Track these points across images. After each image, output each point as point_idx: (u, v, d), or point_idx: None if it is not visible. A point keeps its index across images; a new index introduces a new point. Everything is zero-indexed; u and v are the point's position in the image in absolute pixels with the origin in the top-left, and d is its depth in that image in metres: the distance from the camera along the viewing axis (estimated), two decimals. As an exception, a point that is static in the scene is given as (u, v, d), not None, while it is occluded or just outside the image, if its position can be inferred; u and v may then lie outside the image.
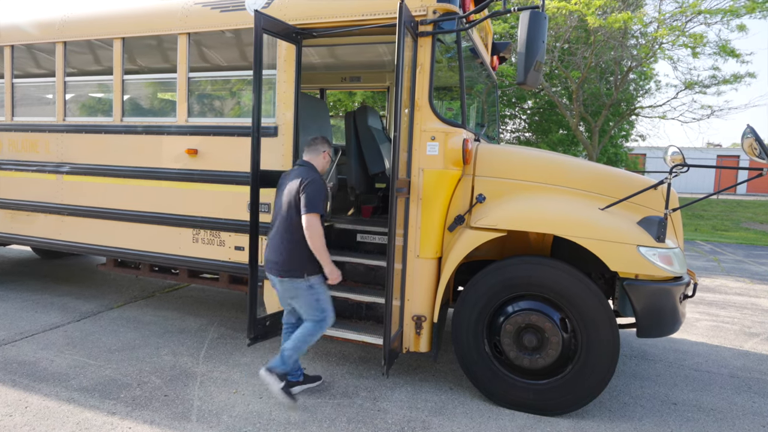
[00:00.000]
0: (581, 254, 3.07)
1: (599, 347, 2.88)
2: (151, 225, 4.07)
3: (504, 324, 3.08)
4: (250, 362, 3.67)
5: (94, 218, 4.31)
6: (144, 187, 4.07)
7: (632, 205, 3.07)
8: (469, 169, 3.26)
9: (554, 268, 2.97)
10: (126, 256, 4.25)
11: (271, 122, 3.59)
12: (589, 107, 12.78)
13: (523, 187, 3.19)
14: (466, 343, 3.17)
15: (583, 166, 3.32)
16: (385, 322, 3.01)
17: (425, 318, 3.25)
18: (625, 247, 2.81)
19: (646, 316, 2.87)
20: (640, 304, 2.85)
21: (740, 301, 6.11)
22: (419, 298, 3.26)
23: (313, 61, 5.17)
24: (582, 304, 2.90)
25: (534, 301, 3.05)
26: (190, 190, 3.91)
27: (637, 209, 3.07)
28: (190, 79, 3.88)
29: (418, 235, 3.22)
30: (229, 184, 3.77)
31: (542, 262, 3.00)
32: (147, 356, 3.73)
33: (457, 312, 3.19)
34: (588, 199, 3.10)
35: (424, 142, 3.16)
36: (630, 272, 2.86)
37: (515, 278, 3.05)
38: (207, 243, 3.90)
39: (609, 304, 2.92)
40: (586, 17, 9.12)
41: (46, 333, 4.13)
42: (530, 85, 2.83)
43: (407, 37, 3.00)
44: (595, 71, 11.91)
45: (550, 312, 3.01)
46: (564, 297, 2.94)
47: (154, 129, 4.01)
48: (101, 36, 4.16)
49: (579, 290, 2.91)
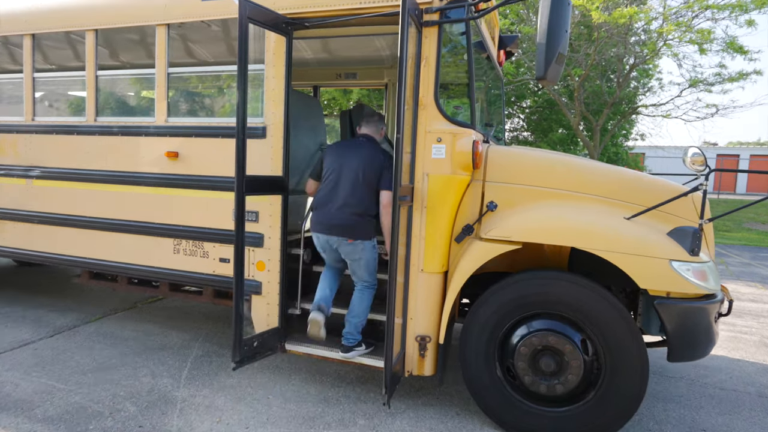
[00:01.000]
0: (600, 267, 2.77)
1: (625, 372, 2.58)
2: (128, 234, 3.73)
3: (518, 346, 2.77)
4: (236, 384, 3.34)
5: (67, 227, 3.95)
6: (120, 193, 3.72)
7: (660, 214, 2.76)
8: (479, 174, 2.95)
9: (574, 283, 2.66)
10: (102, 267, 3.90)
11: (258, 122, 3.26)
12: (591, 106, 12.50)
13: (539, 194, 2.88)
14: (476, 367, 2.86)
15: (605, 170, 3.01)
16: (386, 344, 2.70)
17: (430, 338, 2.94)
18: (656, 262, 2.51)
19: (680, 339, 2.56)
20: (673, 325, 2.55)
21: (755, 308, 5.84)
22: (423, 317, 2.95)
23: (306, 57, 4.83)
24: (606, 324, 2.60)
25: (551, 321, 2.75)
26: (170, 196, 3.57)
27: (666, 218, 2.77)
28: (169, 75, 3.54)
29: (422, 247, 2.91)
30: (213, 190, 3.44)
31: (560, 276, 2.70)
32: (123, 378, 3.39)
33: (466, 332, 2.89)
34: (612, 207, 2.80)
35: (429, 144, 2.84)
36: (661, 289, 2.56)
37: (530, 295, 2.75)
38: (189, 254, 3.56)
39: (635, 323, 2.62)
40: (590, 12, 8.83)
41: (14, 351, 3.78)
42: (551, 80, 2.51)
43: (411, 28, 2.68)
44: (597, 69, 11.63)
45: (569, 333, 2.71)
46: (585, 316, 2.64)
47: (130, 130, 3.66)
48: (72, 27, 3.81)
49: (602, 308, 2.61)
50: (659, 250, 2.53)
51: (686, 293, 2.55)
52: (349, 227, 3.03)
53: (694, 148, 3.30)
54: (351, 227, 3.02)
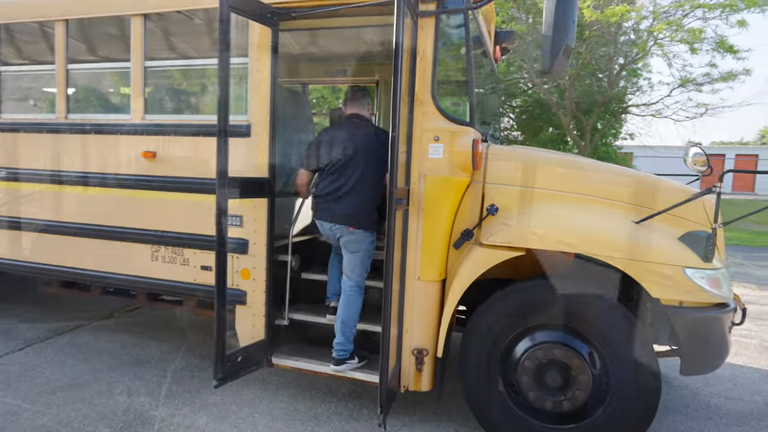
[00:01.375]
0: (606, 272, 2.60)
1: (636, 387, 2.42)
2: (102, 240, 3.47)
3: (522, 359, 2.60)
4: (219, 402, 3.12)
5: (35, 232, 3.67)
6: (93, 196, 3.46)
7: (670, 218, 2.60)
8: (479, 175, 2.77)
9: (582, 292, 2.50)
10: (73, 276, 3.63)
11: (242, 120, 3.04)
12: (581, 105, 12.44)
13: (543, 197, 2.71)
14: (476, 381, 2.68)
15: (613, 171, 2.85)
16: (381, 358, 2.50)
17: (427, 352, 2.75)
18: (669, 269, 2.35)
19: (694, 351, 2.41)
20: (686, 337, 2.40)
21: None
22: (420, 329, 2.76)
23: (293, 52, 4.61)
24: (616, 336, 2.44)
25: (557, 332, 2.58)
26: (148, 199, 3.33)
27: (677, 222, 2.61)
28: (146, 70, 3.29)
29: (419, 254, 2.72)
30: (193, 193, 3.20)
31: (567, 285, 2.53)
32: (96, 396, 3.14)
33: (465, 343, 2.71)
34: (620, 210, 2.63)
35: (426, 143, 2.65)
36: (674, 299, 2.40)
37: (534, 304, 2.59)
38: (168, 261, 3.32)
39: (648, 335, 2.47)
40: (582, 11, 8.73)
41: (-22, 368, 3.51)
42: (556, 74, 2.34)
43: (407, 18, 2.48)
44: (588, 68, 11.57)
45: (577, 345, 2.54)
46: (594, 327, 2.48)
47: (104, 128, 3.41)
48: (41, 18, 3.54)
49: (612, 319, 2.45)
50: (672, 256, 2.37)
51: (700, 302, 2.40)
52: (353, 215, 2.95)
53: (696, 147, 3.14)
54: (354, 215, 2.95)
